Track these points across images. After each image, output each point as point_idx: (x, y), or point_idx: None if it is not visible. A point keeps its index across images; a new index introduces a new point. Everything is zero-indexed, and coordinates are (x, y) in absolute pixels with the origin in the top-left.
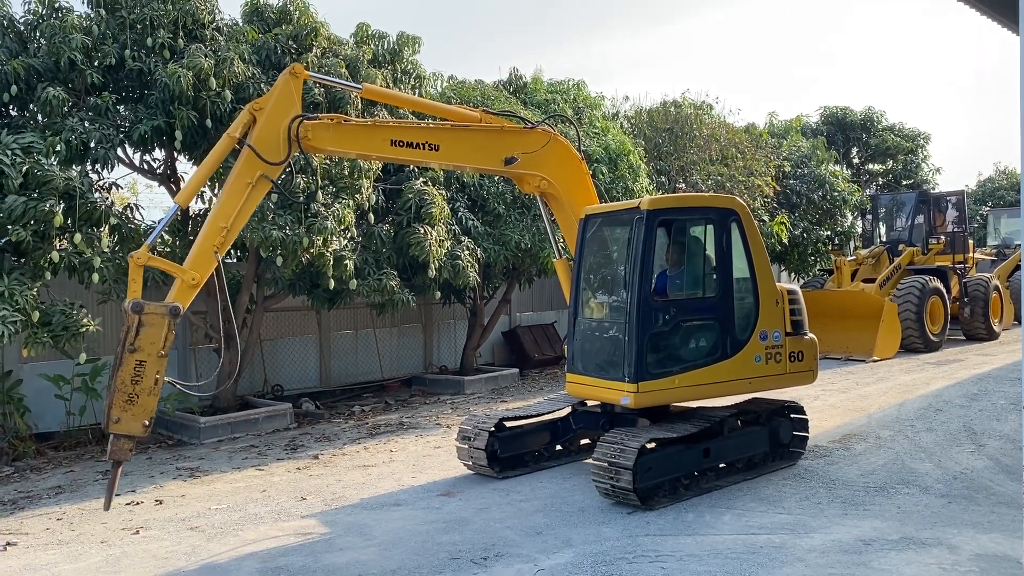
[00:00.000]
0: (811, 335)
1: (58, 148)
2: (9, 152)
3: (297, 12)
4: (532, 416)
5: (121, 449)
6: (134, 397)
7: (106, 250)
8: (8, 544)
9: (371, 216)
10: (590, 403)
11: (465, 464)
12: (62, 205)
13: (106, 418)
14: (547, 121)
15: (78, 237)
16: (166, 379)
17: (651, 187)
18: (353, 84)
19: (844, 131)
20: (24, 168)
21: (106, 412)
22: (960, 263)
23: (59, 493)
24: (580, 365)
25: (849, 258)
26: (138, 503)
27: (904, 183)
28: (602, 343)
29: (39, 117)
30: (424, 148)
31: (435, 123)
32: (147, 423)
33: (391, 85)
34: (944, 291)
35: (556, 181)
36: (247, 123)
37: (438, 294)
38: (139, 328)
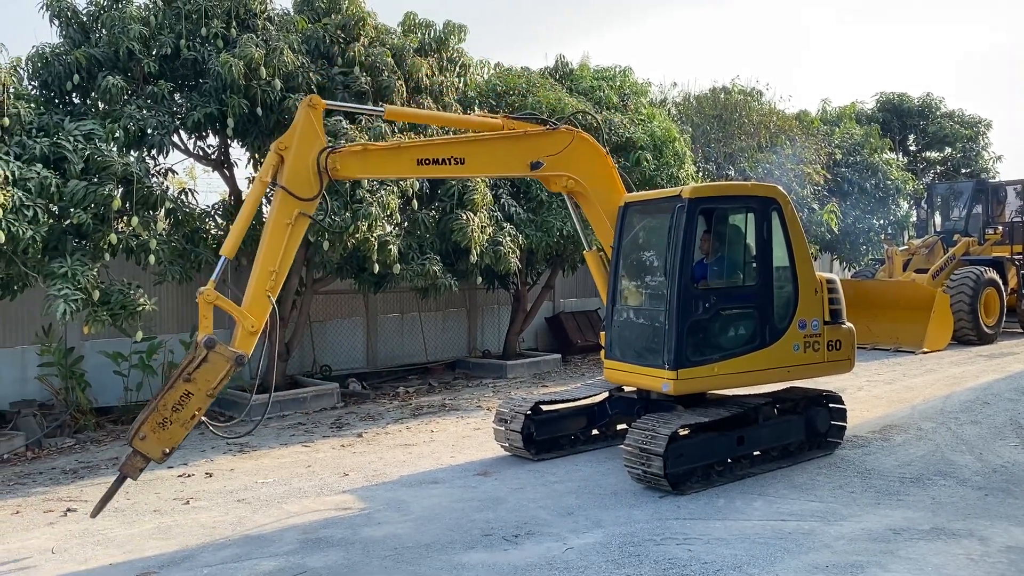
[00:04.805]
0: (849, 324)
1: (117, 135)
2: (71, 138)
3: (346, 2)
4: (568, 400)
5: (134, 467)
6: (167, 422)
7: (162, 233)
8: (68, 510)
9: (415, 202)
10: (627, 389)
11: (502, 446)
12: (120, 189)
13: (133, 431)
14: (569, 120)
15: (135, 220)
16: (202, 418)
17: (697, 174)
18: (374, 109)
19: (900, 118)
20: (86, 154)
21: (136, 426)
22: (1019, 254)
23: (116, 464)
24: (618, 352)
25: (901, 248)
26: (190, 475)
27: (963, 171)
28: (641, 330)
29: (99, 105)
30: (450, 163)
31: (459, 135)
32: (167, 451)
33: (437, 73)
34: (1000, 282)
35: (583, 179)
36: (275, 164)
37: (479, 279)
38: (201, 362)
